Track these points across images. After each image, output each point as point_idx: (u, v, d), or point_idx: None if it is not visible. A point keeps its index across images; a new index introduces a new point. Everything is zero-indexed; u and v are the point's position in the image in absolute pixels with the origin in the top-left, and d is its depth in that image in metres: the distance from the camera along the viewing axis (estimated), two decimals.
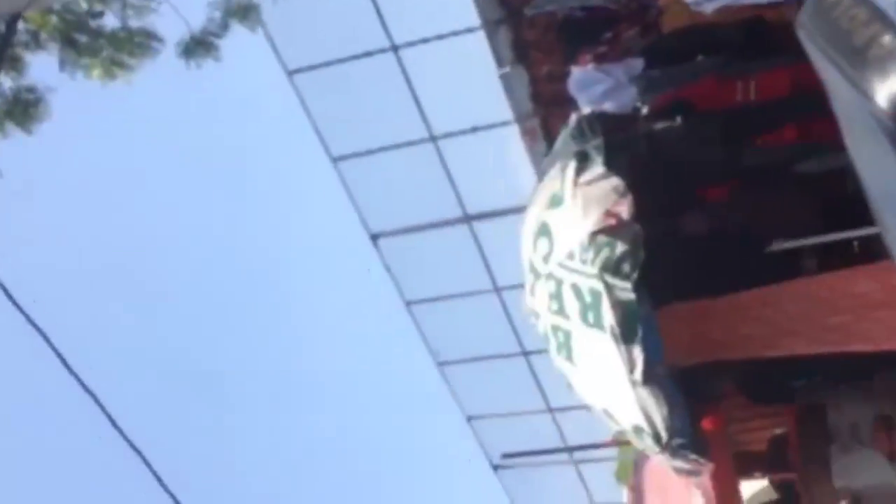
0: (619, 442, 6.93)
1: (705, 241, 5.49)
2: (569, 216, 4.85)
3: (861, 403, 5.85)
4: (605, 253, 4.62)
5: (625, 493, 7.35)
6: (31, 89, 7.42)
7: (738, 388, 6.11)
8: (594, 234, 4.68)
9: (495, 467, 9.00)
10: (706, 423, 5.48)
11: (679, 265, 5.19)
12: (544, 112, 7.04)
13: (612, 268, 4.59)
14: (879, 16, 1.49)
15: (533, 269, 5.15)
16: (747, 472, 6.69)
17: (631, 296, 4.58)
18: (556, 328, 4.96)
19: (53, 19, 7.43)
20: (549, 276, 4.94)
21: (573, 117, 5.40)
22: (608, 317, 4.56)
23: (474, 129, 7.52)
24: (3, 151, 7.62)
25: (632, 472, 6.87)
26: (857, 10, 1.54)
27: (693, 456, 4.66)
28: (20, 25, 6.46)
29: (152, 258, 13.92)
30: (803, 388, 5.82)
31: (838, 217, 4.96)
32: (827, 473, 5.89)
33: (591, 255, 4.66)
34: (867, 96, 1.48)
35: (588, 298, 4.68)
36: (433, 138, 7.58)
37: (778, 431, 6.66)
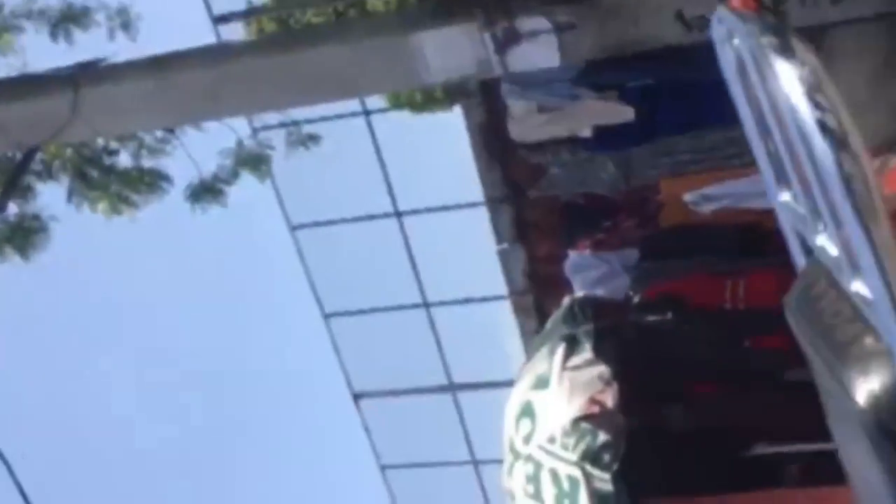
0: None
1: (688, 438, 5.46)
2: (553, 399, 4.85)
3: None
4: (586, 441, 4.59)
5: None
6: (35, 217, 7.53)
7: None
8: (577, 420, 4.67)
9: None
10: None
11: (661, 460, 5.14)
12: (538, 291, 7.13)
13: (592, 457, 4.55)
14: (862, 317, 1.55)
15: (513, 449, 5.10)
16: None
17: (609, 487, 4.52)
18: None
19: (69, 152, 7.61)
20: (529, 457, 4.89)
21: (566, 300, 5.47)
22: None
23: (467, 301, 7.60)
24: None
25: None
26: (841, 305, 1.61)
27: None
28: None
29: (131, 393, 13.74)
30: None
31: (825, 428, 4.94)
32: None
33: (572, 441, 4.63)
34: (847, 391, 1.53)
35: (566, 485, 4.62)
36: (426, 305, 7.64)
37: None
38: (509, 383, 5.56)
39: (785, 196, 1.75)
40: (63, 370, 13.18)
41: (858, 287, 1.51)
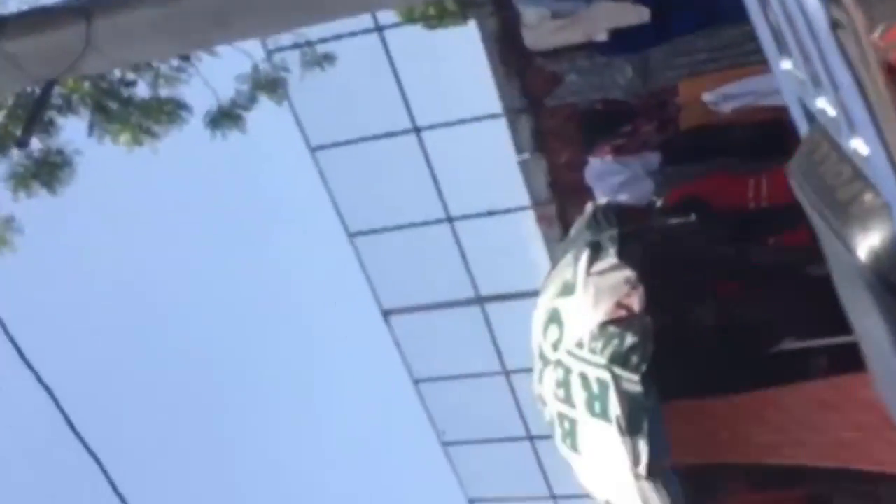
0: None
1: (715, 337, 5.50)
2: (580, 305, 4.89)
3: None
4: (614, 344, 4.64)
5: None
6: (59, 152, 7.59)
7: (744, 486, 6.05)
8: (604, 324, 4.71)
9: None
10: None
11: (689, 360, 5.20)
12: (561, 199, 7.13)
13: (620, 359, 4.61)
14: (862, 175, 1.56)
15: (542, 356, 5.17)
16: None
17: (638, 388, 4.59)
18: (562, 416, 4.96)
19: (87, 85, 7.62)
20: (558, 363, 4.96)
21: (589, 207, 5.47)
22: (614, 408, 4.56)
23: (491, 213, 7.62)
24: (28, 210, 7.77)
25: None
26: (842, 166, 1.61)
27: None
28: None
29: (164, 322, 13.97)
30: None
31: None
32: None
33: (600, 345, 4.68)
34: (849, 249, 1.54)
35: (595, 388, 4.69)
36: (450, 219, 7.67)
37: None
38: (536, 293, 5.61)
39: (786, 64, 1.75)
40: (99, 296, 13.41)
41: (857, 144, 1.53)
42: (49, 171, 7.54)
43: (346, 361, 13.94)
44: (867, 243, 1.53)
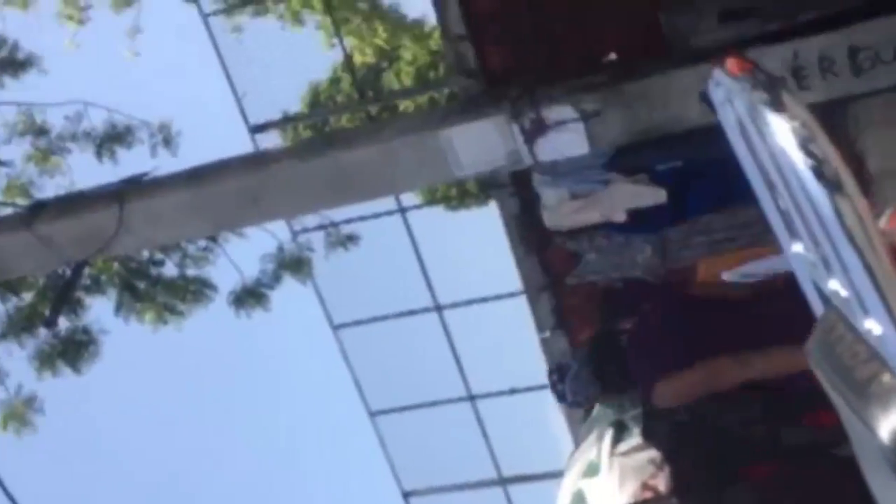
0: None
1: None
2: (605, 486, 4.78)
3: None
4: None
5: None
6: (85, 331, 7.68)
7: None
8: None
9: None
10: None
11: None
12: None
13: None
14: (878, 354, 1.58)
15: None
16: None
17: None
18: None
19: (116, 265, 7.81)
20: None
21: None
22: None
23: (512, 392, 7.57)
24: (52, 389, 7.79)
25: None
26: (858, 346, 1.63)
27: None
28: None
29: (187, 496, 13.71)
30: None
31: None
32: None
33: None
34: (871, 429, 1.54)
35: None
36: (472, 398, 7.62)
37: None
38: (559, 473, 5.49)
39: (797, 247, 1.79)
40: None
41: (870, 325, 1.54)
42: (75, 350, 7.61)
43: None
44: (889, 424, 1.52)
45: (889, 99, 5.08)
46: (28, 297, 7.69)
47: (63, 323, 7.49)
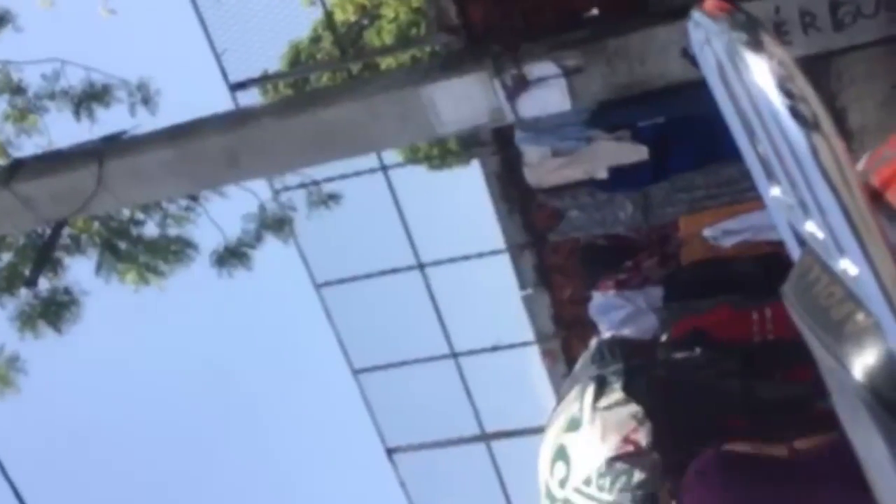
0: None
1: None
2: (586, 441, 4.83)
3: None
4: (622, 480, 4.56)
5: None
6: (66, 291, 7.66)
7: None
8: (612, 460, 4.64)
9: None
10: None
11: None
12: (565, 334, 7.14)
13: (629, 496, 4.52)
14: (852, 295, 1.59)
15: (549, 494, 5.07)
16: None
17: None
18: None
19: (96, 225, 7.76)
20: (566, 501, 4.86)
21: (593, 341, 5.47)
22: None
23: (495, 348, 7.62)
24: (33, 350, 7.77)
25: None
26: (833, 287, 1.65)
27: None
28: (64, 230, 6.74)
29: (165, 459, 13.77)
30: None
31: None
32: None
33: (608, 481, 4.60)
34: (845, 368, 1.56)
35: None
36: (454, 355, 7.66)
37: None
38: (541, 429, 5.55)
39: (775, 191, 1.79)
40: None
41: (846, 265, 1.56)
42: (56, 310, 7.58)
43: (351, 500, 13.66)
44: (863, 362, 1.54)
45: (872, 54, 5.08)
46: (7, 256, 7.64)
47: (44, 283, 7.46)
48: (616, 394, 4.98)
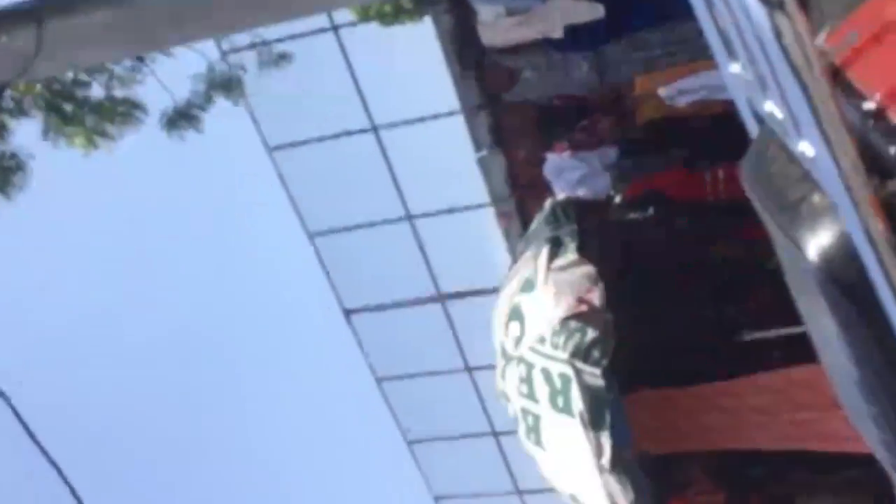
0: None
1: (676, 329, 5.57)
2: (541, 301, 4.92)
3: (831, 498, 5.86)
4: (575, 339, 4.68)
5: None
6: (12, 156, 7.48)
7: (706, 476, 6.13)
8: (565, 319, 4.75)
9: None
10: None
11: (649, 353, 5.26)
12: (520, 195, 7.16)
13: (582, 354, 4.65)
14: (809, 176, 1.59)
15: (504, 353, 5.19)
16: None
17: (600, 382, 4.63)
18: (525, 411, 5.00)
19: (39, 87, 7.52)
20: (520, 359, 4.99)
21: (548, 202, 5.51)
22: (577, 402, 4.60)
23: (451, 210, 7.63)
24: None
25: None
26: (790, 167, 1.65)
27: None
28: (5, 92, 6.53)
29: (122, 323, 13.82)
30: (761, 477, 5.83)
31: None
32: None
33: (561, 340, 4.72)
34: (800, 248, 1.58)
35: (557, 383, 4.72)
36: (410, 217, 7.67)
37: None
38: (497, 289, 5.63)
39: (734, 67, 1.78)
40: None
41: (804, 147, 1.56)
42: (2, 176, 7.43)
43: (309, 361, 13.90)
44: (817, 242, 1.56)
45: None
46: None
47: None
48: (570, 255, 5.05)
